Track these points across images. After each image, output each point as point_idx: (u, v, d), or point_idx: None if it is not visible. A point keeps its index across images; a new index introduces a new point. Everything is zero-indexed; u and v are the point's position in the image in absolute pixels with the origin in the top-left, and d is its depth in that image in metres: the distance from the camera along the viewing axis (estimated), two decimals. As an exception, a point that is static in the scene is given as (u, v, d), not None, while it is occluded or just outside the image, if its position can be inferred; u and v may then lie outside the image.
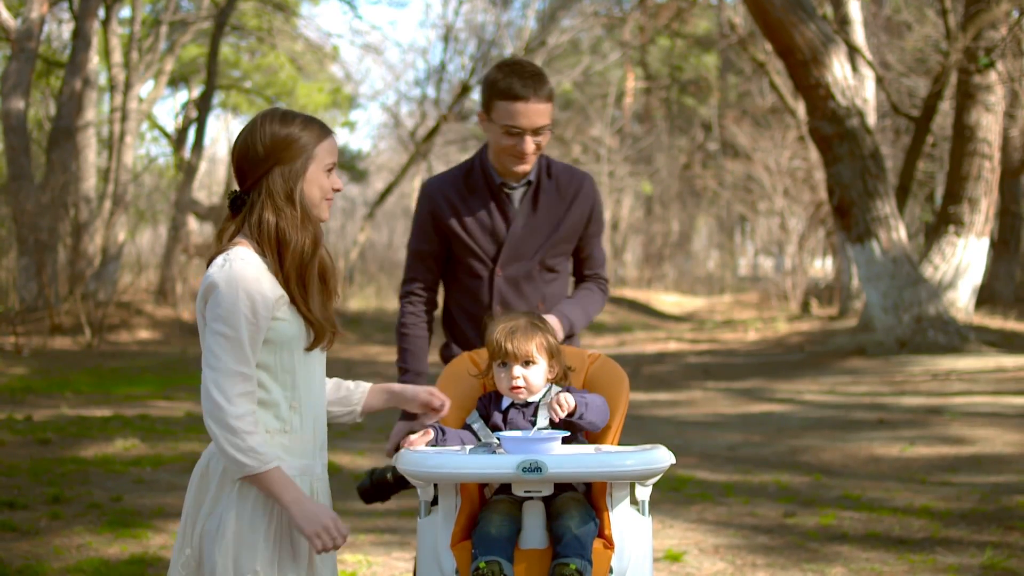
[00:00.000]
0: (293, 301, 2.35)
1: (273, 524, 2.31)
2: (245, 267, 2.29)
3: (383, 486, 2.89)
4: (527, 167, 3.03)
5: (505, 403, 2.76)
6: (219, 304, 2.27)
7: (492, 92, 2.96)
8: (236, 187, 2.43)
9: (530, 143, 2.96)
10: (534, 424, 2.70)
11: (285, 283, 2.35)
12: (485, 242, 3.07)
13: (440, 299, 3.25)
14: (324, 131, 2.41)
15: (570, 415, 2.64)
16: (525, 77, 2.93)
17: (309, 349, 2.38)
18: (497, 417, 2.74)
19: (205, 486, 2.35)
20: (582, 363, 2.91)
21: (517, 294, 3.08)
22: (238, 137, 2.40)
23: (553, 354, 2.74)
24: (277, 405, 2.35)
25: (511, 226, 3.07)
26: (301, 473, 2.37)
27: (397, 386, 2.66)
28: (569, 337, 3.10)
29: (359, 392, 2.64)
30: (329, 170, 2.41)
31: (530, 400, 2.74)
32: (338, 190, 2.44)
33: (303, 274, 2.35)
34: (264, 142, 2.35)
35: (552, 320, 2.99)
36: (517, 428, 2.70)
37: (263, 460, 2.25)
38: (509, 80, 2.93)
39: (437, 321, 3.26)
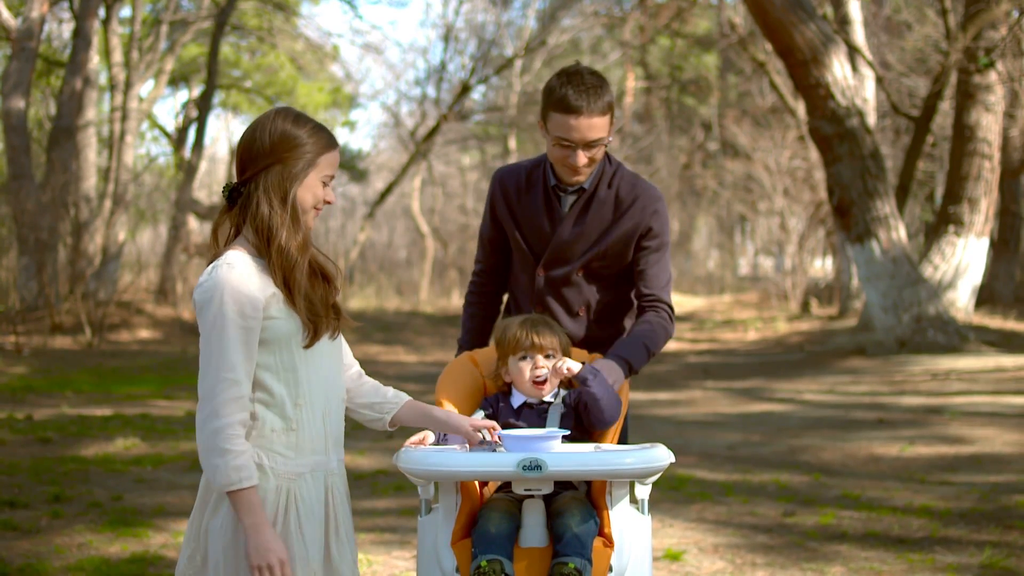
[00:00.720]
0: (287, 296, 2.35)
1: (277, 525, 2.31)
2: (230, 272, 2.29)
3: None
4: (580, 178, 2.98)
5: (517, 402, 2.77)
6: (206, 311, 2.28)
7: (548, 101, 2.90)
8: (235, 179, 2.43)
9: (582, 157, 2.90)
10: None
11: (276, 280, 2.35)
12: (532, 239, 3.06)
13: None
14: (331, 142, 2.42)
15: (571, 384, 2.67)
16: (581, 90, 2.85)
17: (307, 346, 2.36)
18: (508, 416, 2.75)
19: (209, 488, 2.35)
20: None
21: (557, 297, 3.06)
22: (247, 129, 2.41)
23: (565, 355, 2.78)
24: (282, 404, 2.34)
25: (557, 228, 3.03)
26: (313, 469, 2.36)
27: (440, 412, 2.59)
28: (631, 374, 2.94)
29: (394, 402, 2.59)
30: (326, 182, 2.42)
31: (545, 399, 2.77)
32: (329, 203, 2.43)
33: (289, 274, 2.35)
34: (272, 137, 2.35)
35: (606, 364, 2.83)
36: (530, 427, 2.71)
37: (227, 481, 2.23)
38: (564, 91, 2.86)
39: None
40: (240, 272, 2.30)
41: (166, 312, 18.19)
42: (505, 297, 3.26)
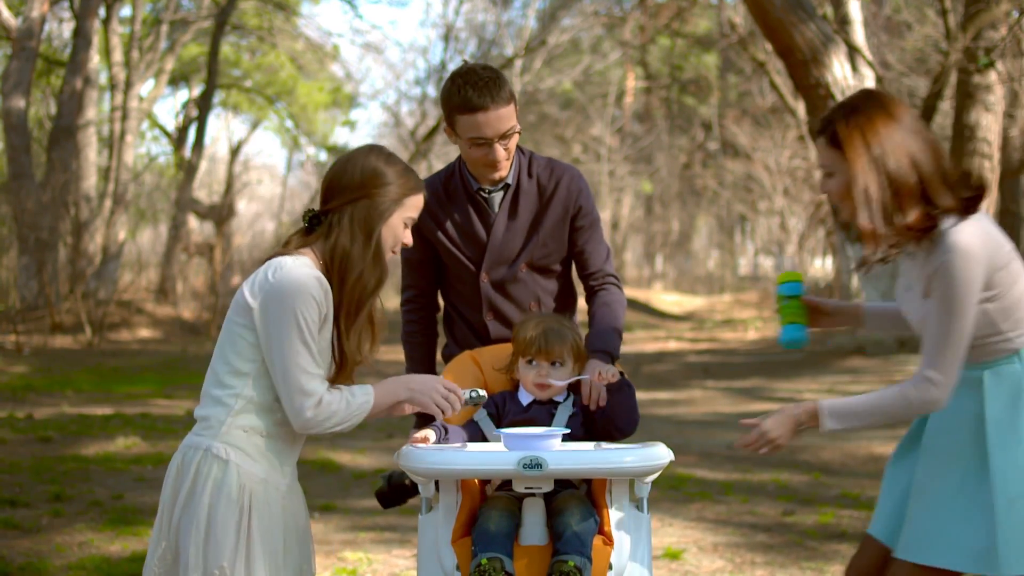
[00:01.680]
0: (337, 328, 2.39)
1: (244, 521, 2.33)
2: (309, 272, 2.34)
3: (401, 490, 2.88)
4: (502, 172, 2.96)
5: (526, 400, 2.78)
6: (289, 308, 2.30)
7: (451, 107, 2.86)
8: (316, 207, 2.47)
9: (499, 150, 2.88)
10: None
11: (337, 309, 2.38)
12: (467, 248, 3.03)
13: (441, 301, 3.24)
14: (419, 185, 2.47)
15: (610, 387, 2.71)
16: (480, 86, 2.82)
17: (332, 381, 2.42)
18: (517, 413, 2.77)
19: (180, 480, 2.37)
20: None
21: (505, 298, 3.04)
22: (339, 160, 2.45)
23: (577, 358, 2.78)
24: (273, 412, 2.39)
25: (491, 231, 3.01)
26: (265, 481, 2.38)
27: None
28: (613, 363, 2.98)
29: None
30: (407, 224, 2.46)
31: (554, 399, 2.78)
32: (407, 245, 2.49)
33: (358, 307, 2.40)
34: (364, 173, 2.40)
35: (595, 364, 2.84)
36: (538, 425, 2.73)
37: (364, 408, 2.42)
38: (465, 92, 2.82)
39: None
40: (315, 275, 2.34)
41: (166, 311, 18.20)
42: (438, 315, 3.23)
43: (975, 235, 2.32)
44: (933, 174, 2.35)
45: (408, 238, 2.47)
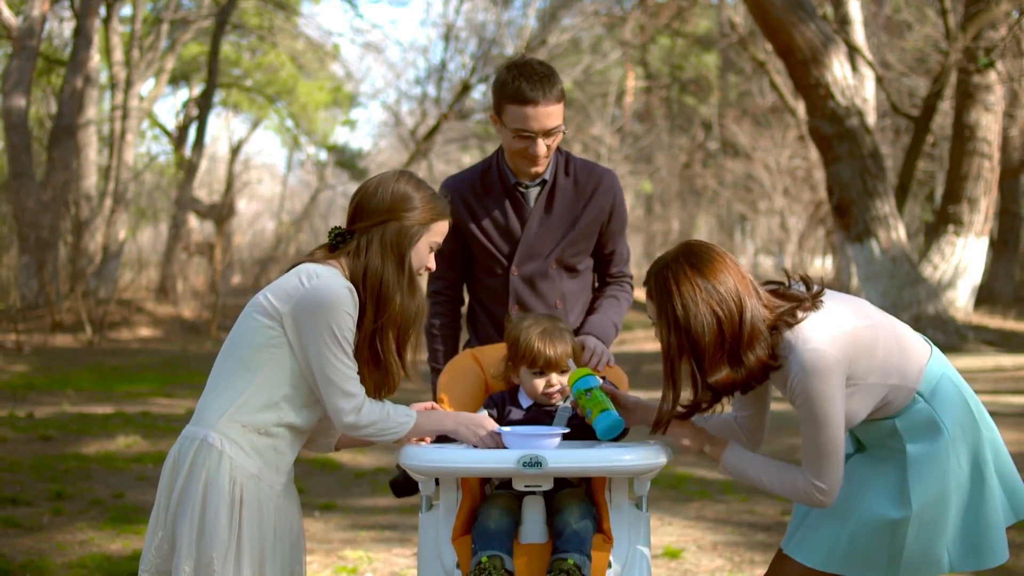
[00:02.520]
0: (377, 350, 2.44)
1: (235, 514, 2.36)
2: (343, 282, 2.39)
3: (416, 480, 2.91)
4: (540, 168, 3.00)
5: (527, 403, 2.79)
6: (326, 313, 2.34)
7: (502, 95, 2.92)
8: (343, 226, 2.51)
9: (541, 145, 2.93)
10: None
11: (373, 331, 2.42)
12: (500, 242, 3.07)
13: (466, 295, 3.26)
14: (446, 211, 2.52)
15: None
16: (534, 80, 2.88)
17: (376, 395, 2.48)
18: (518, 415, 2.77)
19: (175, 474, 2.39)
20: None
21: (533, 293, 3.08)
22: (369, 181, 2.50)
23: (577, 358, 2.80)
24: (296, 433, 2.45)
25: (526, 225, 3.05)
26: (265, 476, 2.40)
27: None
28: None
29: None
30: (432, 248, 2.50)
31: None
32: (430, 270, 2.53)
33: (403, 335, 2.47)
34: (395, 195, 2.45)
35: (593, 343, 2.96)
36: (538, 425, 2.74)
37: (404, 427, 2.46)
38: (518, 83, 2.88)
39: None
40: (348, 286, 2.39)
41: (166, 310, 18.22)
42: (463, 309, 3.26)
43: (821, 348, 2.34)
44: (740, 332, 2.34)
45: (432, 263, 2.52)
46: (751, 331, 2.34)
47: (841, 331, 2.39)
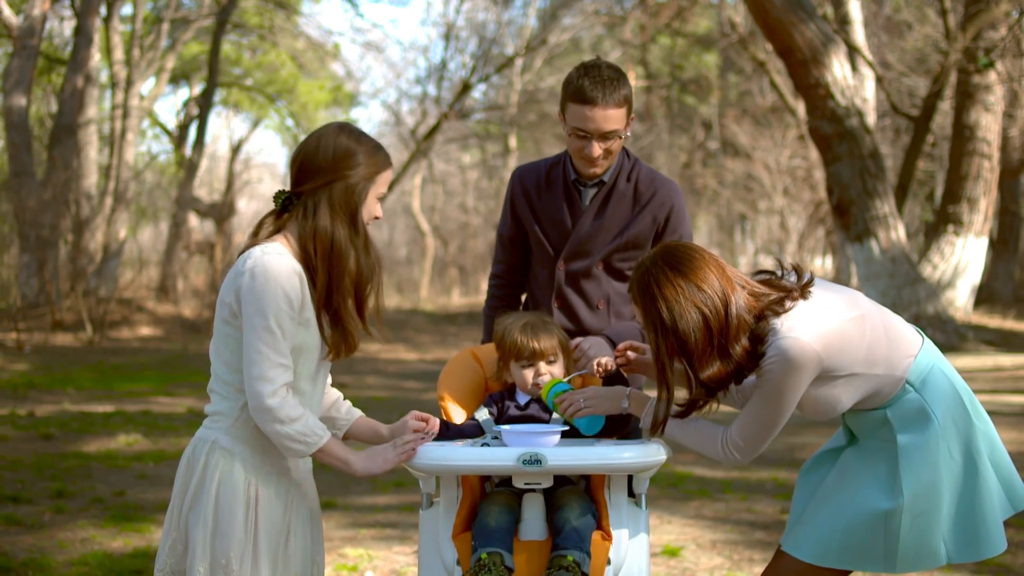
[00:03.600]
0: (334, 311, 2.38)
1: (251, 513, 2.37)
2: (281, 261, 2.32)
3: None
4: (597, 170, 3.02)
5: (523, 399, 2.81)
6: (257, 297, 2.30)
7: (566, 92, 2.95)
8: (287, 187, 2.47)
9: (596, 148, 2.94)
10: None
11: (327, 293, 2.37)
12: (553, 234, 3.10)
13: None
14: (388, 160, 2.47)
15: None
16: (597, 81, 2.89)
17: (332, 359, 2.43)
18: (515, 412, 2.79)
19: (189, 475, 2.40)
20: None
21: (576, 290, 3.09)
22: (308, 138, 2.43)
23: (566, 351, 2.81)
24: None
25: (577, 223, 3.07)
26: (279, 474, 2.42)
27: (385, 428, 2.66)
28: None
29: (347, 418, 2.66)
30: (380, 198, 2.47)
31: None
32: (378, 218, 2.48)
33: (360, 292, 2.41)
34: (338, 151, 2.39)
35: (588, 343, 2.92)
36: (539, 423, 2.75)
37: (310, 444, 2.36)
38: (581, 82, 2.90)
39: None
40: (288, 265, 2.33)
41: (167, 309, 18.23)
42: (523, 296, 3.29)
43: (802, 340, 2.38)
44: (726, 326, 2.38)
45: (379, 211, 2.47)
46: (737, 324, 2.38)
47: (826, 326, 2.43)
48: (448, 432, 2.69)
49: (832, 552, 2.51)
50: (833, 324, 2.44)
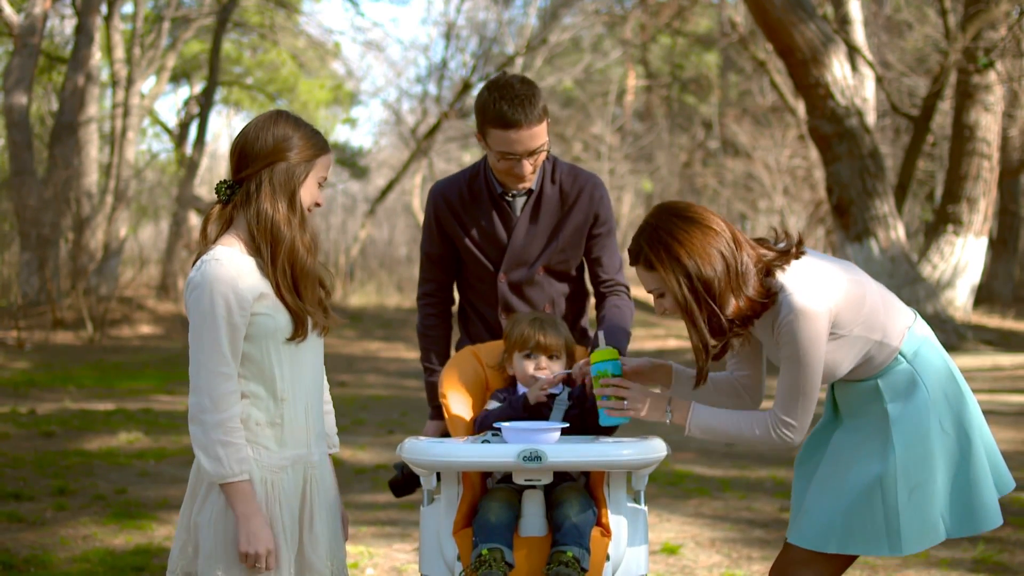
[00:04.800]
0: (281, 294, 2.40)
1: (265, 510, 2.38)
2: (219, 267, 2.34)
3: (414, 478, 2.92)
4: (527, 184, 3.02)
5: (522, 391, 2.84)
6: (197, 306, 2.34)
7: (484, 118, 2.90)
8: (229, 177, 2.48)
9: (527, 165, 2.93)
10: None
11: (275, 277, 2.40)
12: (487, 248, 3.08)
13: (456, 296, 3.29)
14: (326, 146, 2.50)
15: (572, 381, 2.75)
16: (515, 103, 2.84)
17: (291, 339, 2.42)
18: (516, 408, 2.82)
19: (200, 478, 2.42)
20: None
21: (521, 298, 3.10)
22: (246, 127, 2.46)
23: (570, 353, 2.84)
24: (264, 398, 2.41)
25: (512, 234, 3.06)
26: (294, 463, 2.43)
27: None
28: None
29: (335, 441, 2.67)
30: (321, 183, 2.49)
31: (551, 393, 2.83)
32: (319, 205, 2.50)
33: (299, 272, 2.42)
34: (275, 137, 2.42)
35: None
36: (535, 420, 2.77)
37: (224, 473, 2.31)
38: (500, 107, 2.85)
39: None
40: (228, 267, 2.35)
41: (167, 308, 18.24)
42: (454, 309, 3.29)
43: (811, 291, 2.46)
44: (740, 263, 2.46)
45: (321, 197, 2.50)
46: (745, 265, 2.46)
47: (830, 280, 2.50)
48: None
49: (835, 536, 2.52)
50: (836, 282, 2.51)
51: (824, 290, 2.47)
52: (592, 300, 3.24)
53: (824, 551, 2.54)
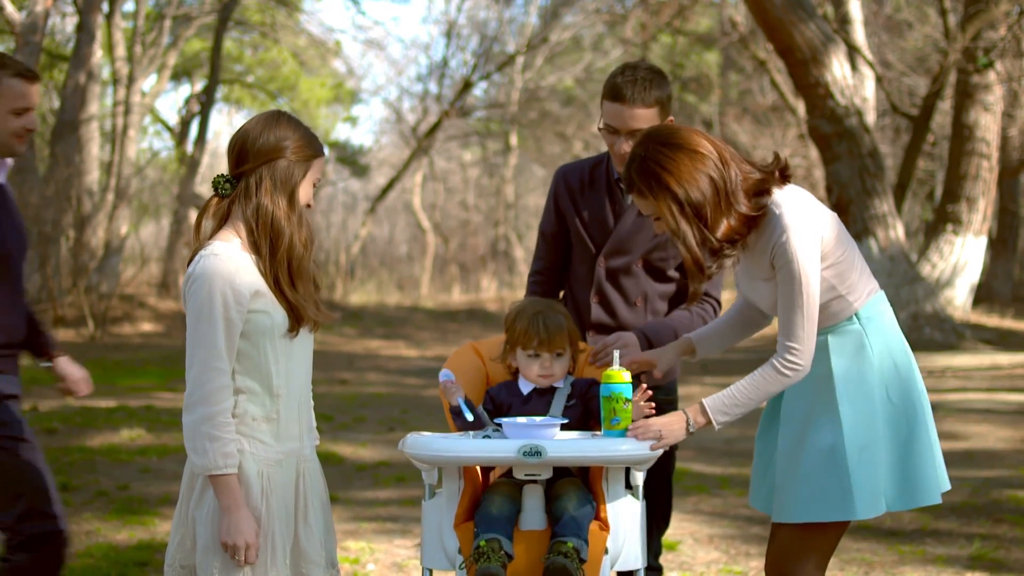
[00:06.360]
0: (279, 289, 2.43)
1: (262, 504, 2.42)
2: (217, 262, 2.37)
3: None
4: None
5: (526, 389, 2.85)
6: (194, 301, 2.37)
7: (603, 89, 3.06)
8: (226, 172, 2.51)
9: (625, 145, 3.00)
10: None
11: (272, 272, 2.43)
12: (595, 231, 3.16)
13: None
14: (322, 148, 2.55)
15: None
16: (630, 80, 2.97)
17: (289, 334, 2.45)
18: (517, 403, 2.84)
19: (194, 474, 2.45)
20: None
21: (615, 287, 3.16)
22: (247, 124, 2.49)
23: (574, 342, 2.86)
24: (260, 394, 2.44)
25: (620, 221, 3.14)
26: (288, 456, 2.47)
27: None
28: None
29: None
30: (315, 184, 2.53)
31: (554, 385, 2.85)
32: (310, 206, 2.54)
33: (296, 267, 2.45)
34: (277, 135, 2.46)
35: (628, 337, 2.97)
36: (538, 414, 2.80)
37: (208, 466, 2.35)
38: (615, 80, 3.00)
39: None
40: (227, 263, 2.38)
41: (168, 305, 18.27)
42: (561, 293, 3.34)
43: (801, 210, 2.50)
44: (728, 183, 2.48)
45: (312, 199, 2.54)
46: (735, 182, 2.48)
47: (820, 209, 2.56)
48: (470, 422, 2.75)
49: (801, 505, 2.54)
50: (824, 213, 2.56)
51: (815, 214, 2.52)
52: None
53: (801, 521, 2.55)
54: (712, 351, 2.84)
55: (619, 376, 2.61)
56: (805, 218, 2.48)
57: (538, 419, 2.70)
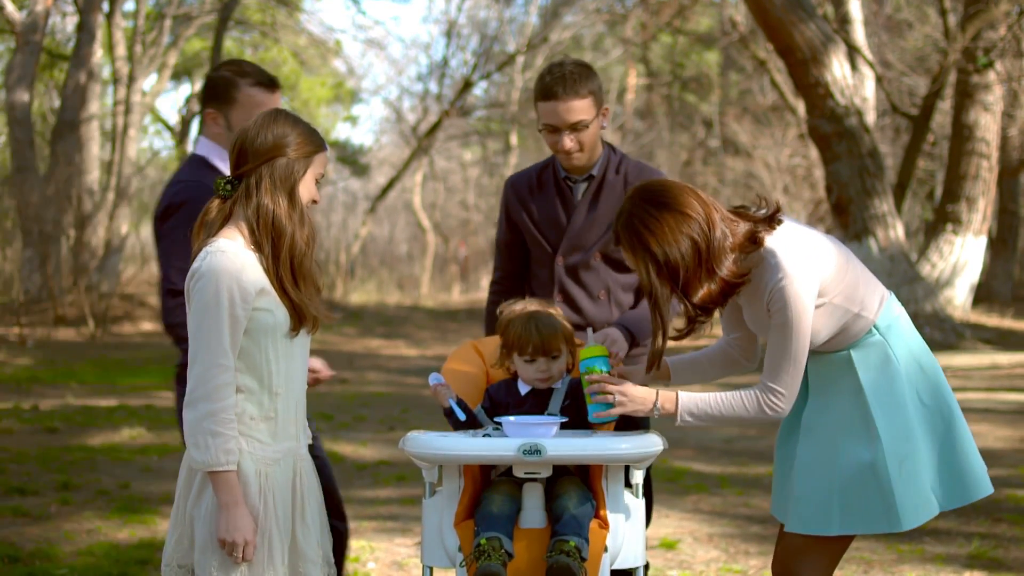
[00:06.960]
0: (283, 288, 2.44)
1: (259, 503, 2.42)
2: (224, 259, 2.38)
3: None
4: (576, 162, 3.13)
5: (524, 390, 2.86)
6: (199, 299, 2.37)
7: (535, 93, 3.11)
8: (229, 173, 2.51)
9: (567, 140, 3.06)
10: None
11: (275, 271, 2.44)
12: (549, 231, 3.20)
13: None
14: (323, 144, 2.55)
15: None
16: (558, 76, 3.03)
17: (291, 332, 2.46)
18: (515, 403, 2.85)
19: (193, 472, 2.45)
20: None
21: (577, 283, 3.18)
22: (246, 125, 2.50)
23: (569, 341, 2.86)
24: (258, 393, 2.45)
25: (572, 217, 3.17)
26: (286, 455, 2.48)
27: None
28: (634, 346, 3.11)
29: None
30: (318, 180, 2.54)
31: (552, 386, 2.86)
32: (316, 202, 2.54)
33: (298, 265, 2.46)
34: (276, 133, 2.46)
35: (613, 332, 3.01)
36: (534, 413, 2.81)
37: (209, 462, 2.34)
38: (544, 80, 3.06)
39: None
40: (233, 260, 2.38)
41: (168, 305, 18.27)
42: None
43: (798, 254, 2.47)
44: (712, 246, 2.44)
45: (317, 194, 2.54)
46: (720, 244, 2.45)
47: (817, 245, 2.53)
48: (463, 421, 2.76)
49: (834, 518, 2.53)
50: (822, 247, 2.53)
51: (812, 254, 2.49)
52: None
53: (826, 534, 2.55)
54: (687, 382, 2.82)
55: (592, 350, 2.66)
56: (803, 263, 2.46)
57: (538, 418, 2.71)
